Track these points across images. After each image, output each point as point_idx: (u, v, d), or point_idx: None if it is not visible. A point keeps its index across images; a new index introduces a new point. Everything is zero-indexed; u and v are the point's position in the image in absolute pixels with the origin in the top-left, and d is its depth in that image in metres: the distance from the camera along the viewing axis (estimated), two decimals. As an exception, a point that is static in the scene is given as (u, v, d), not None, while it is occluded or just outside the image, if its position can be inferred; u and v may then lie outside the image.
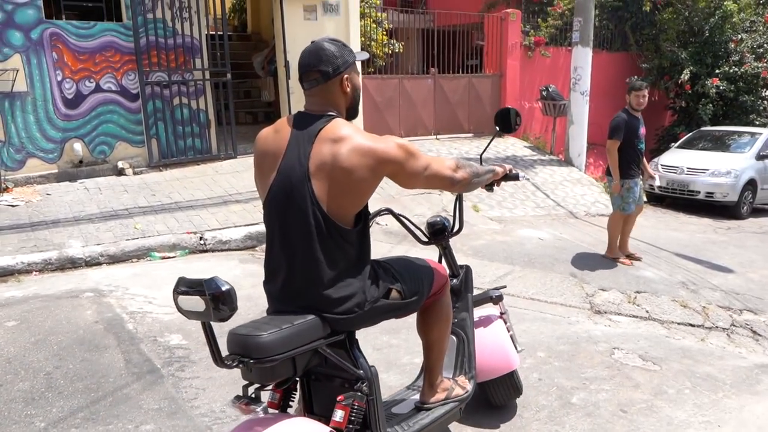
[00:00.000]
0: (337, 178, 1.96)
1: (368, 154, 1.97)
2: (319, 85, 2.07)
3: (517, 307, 4.78)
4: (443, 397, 2.50)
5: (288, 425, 1.90)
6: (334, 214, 1.99)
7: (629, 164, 5.75)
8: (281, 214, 2.04)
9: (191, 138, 8.22)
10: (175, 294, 1.83)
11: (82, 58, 7.32)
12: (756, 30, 12.99)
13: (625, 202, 5.87)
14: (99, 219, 6.19)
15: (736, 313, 4.92)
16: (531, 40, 12.23)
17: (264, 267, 2.17)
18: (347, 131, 1.99)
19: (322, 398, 2.20)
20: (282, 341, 1.88)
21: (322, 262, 2.00)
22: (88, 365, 3.49)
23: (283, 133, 2.08)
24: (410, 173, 2.08)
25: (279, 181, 2.03)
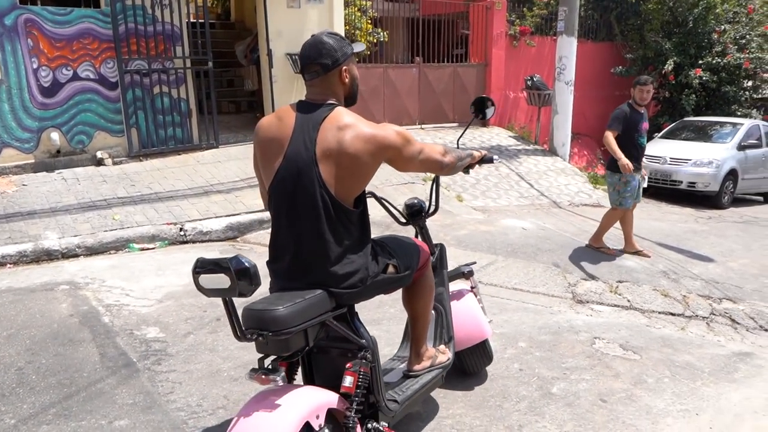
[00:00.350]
0: (342, 163, 2.12)
1: (370, 140, 2.15)
2: (320, 77, 2.22)
3: (500, 297, 4.78)
4: (428, 364, 2.73)
5: (301, 392, 2.08)
6: (340, 196, 2.16)
7: (629, 158, 5.61)
8: (289, 196, 2.18)
9: (172, 127, 8.10)
10: (195, 274, 1.93)
11: (58, 45, 7.16)
12: (738, 21, 13.05)
13: (621, 197, 5.77)
14: (77, 210, 6.08)
15: (716, 302, 4.95)
16: (516, 29, 12.20)
17: (270, 247, 2.31)
18: (350, 119, 2.17)
19: (323, 370, 2.36)
20: (296, 314, 2.03)
21: (330, 241, 2.16)
22: (62, 360, 3.43)
23: (287, 120, 2.21)
24: (407, 158, 2.28)
25: (286, 165, 2.17)
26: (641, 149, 5.82)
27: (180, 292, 4.49)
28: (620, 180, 5.72)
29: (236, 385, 3.21)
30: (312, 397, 2.09)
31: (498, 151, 10.30)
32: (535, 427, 2.94)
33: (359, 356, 2.26)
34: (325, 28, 8.96)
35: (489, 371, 3.47)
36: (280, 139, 2.19)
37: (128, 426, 2.83)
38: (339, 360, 2.31)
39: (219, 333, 3.84)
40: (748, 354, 3.99)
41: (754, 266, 5.92)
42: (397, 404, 2.47)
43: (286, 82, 8.91)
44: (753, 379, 3.59)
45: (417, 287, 2.62)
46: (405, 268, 2.46)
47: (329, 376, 2.28)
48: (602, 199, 9.04)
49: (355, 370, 2.22)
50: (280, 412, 1.96)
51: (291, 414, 1.96)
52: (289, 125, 2.19)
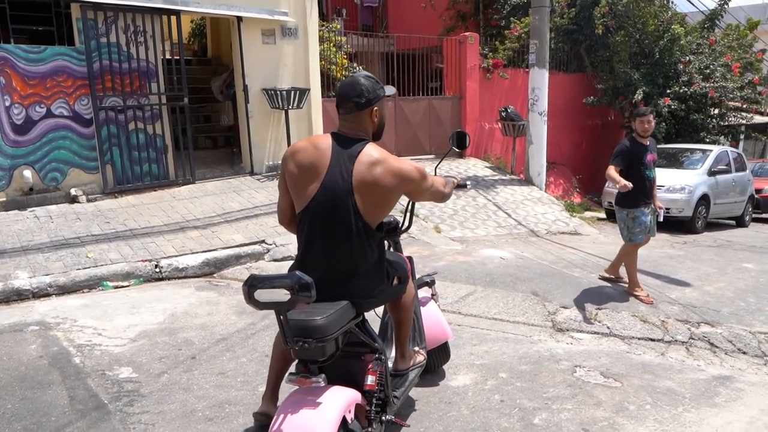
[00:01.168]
0: (374, 193, 2.47)
1: (398, 175, 2.50)
2: (353, 113, 2.54)
3: (480, 327, 4.75)
4: (411, 363, 3.08)
5: (336, 391, 2.36)
6: (369, 221, 2.51)
7: (635, 193, 5.33)
8: (325, 219, 2.48)
9: (148, 163, 8.04)
10: (250, 288, 2.15)
11: (32, 82, 7.11)
12: (702, 52, 13.49)
13: (631, 233, 5.52)
14: (49, 248, 5.95)
15: (694, 326, 4.98)
16: (489, 62, 12.44)
17: (298, 261, 2.60)
18: (382, 155, 2.50)
19: (337, 372, 2.56)
20: (333, 323, 2.34)
21: (360, 260, 2.52)
22: (29, 404, 3.30)
23: (324, 149, 2.50)
24: (422, 190, 2.68)
25: (324, 192, 2.47)
26: (649, 182, 5.51)
27: (154, 330, 4.39)
28: (628, 216, 5.51)
29: (211, 426, 3.12)
30: (344, 394, 2.38)
31: (475, 181, 10.38)
32: (518, 460, 2.89)
33: (376, 358, 2.61)
34: (300, 64, 9.07)
35: (470, 403, 3.42)
36: (317, 166, 2.48)
37: (98, 472, 2.71)
38: (350, 362, 2.61)
39: (194, 371, 3.75)
40: (728, 377, 4.01)
41: (729, 289, 5.99)
42: (397, 398, 2.85)
43: (263, 117, 8.94)
44: (733, 403, 3.59)
45: (401, 297, 2.93)
46: (403, 279, 2.85)
47: (341, 377, 2.53)
48: (579, 227, 9.14)
49: (376, 370, 2.57)
50: (324, 408, 2.26)
51: (333, 410, 2.27)
52: (326, 155, 2.48)
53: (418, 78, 11.52)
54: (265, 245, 6.44)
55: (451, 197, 3.22)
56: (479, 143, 12.36)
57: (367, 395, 2.54)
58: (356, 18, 14.69)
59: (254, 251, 6.31)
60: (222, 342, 4.21)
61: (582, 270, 6.45)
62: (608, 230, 9.74)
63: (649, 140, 5.57)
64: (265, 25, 8.76)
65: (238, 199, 7.86)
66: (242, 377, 3.68)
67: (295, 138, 8.92)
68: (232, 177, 8.86)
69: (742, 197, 11.61)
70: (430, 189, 2.73)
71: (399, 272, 2.82)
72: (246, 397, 3.42)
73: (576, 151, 14.35)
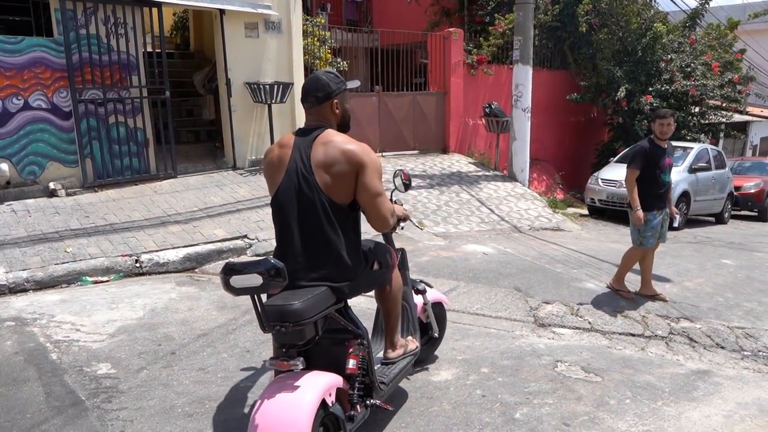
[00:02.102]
0: (331, 172, 2.57)
1: (346, 153, 2.58)
2: (314, 107, 2.70)
3: (462, 322, 4.75)
4: (402, 352, 3.12)
5: (315, 375, 2.46)
6: (335, 199, 2.58)
7: (648, 196, 5.22)
8: (291, 202, 2.61)
9: (128, 157, 7.93)
10: (225, 275, 2.27)
11: (8, 74, 6.97)
12: (683, 51, 13.64)
13: (642, 236, 5.31)
14: (26, 243, 5.85)
15: (674, 322, 5.03)
16: (474, 58, 12.45)
17: (275, 250, 2.71)
18: (337, 137, 2.64)
19: (319, 357, 2.66)
20: (310, 308, 2.42)
21: (330, 239, 2.58)
22: (3, 401, 3.23)
23: (288, 143, 2.69)
24: (367, 183, 2.61)
25: (287, 177, 2.63)
26: (664, 186, 5.31)
27: (134, 326, 4.33)
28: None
29: (191, 422, 3.09)
30: (324, 378, 2.46)
31: (459, 177, 10.40)
32: (499, 454, 2.89)
33: (357, 343, 2.68)
34: (283, 58, 9.02)
35: (451, 398, 3.43)
36: (281, 157, 2.67)
37: (74, 470, 2.67)
38: (334, 348, 2.69)
39: (174, 367, 3.70)
40: (706, 372, 4.05)
41: (708, 285, 6.06)
42: (385, 385, 2.90)
43: (245, 112, 8.86)
44: (711, 396, 3.64)
45: (388, 285, 2.98)
46: (385, 265, 2.89)
47: (325, 363, 2.61)
48: (562, 223, 9.19)
49: (357, 354, 2.65)
50: (302, 391, 2.34)
51: (311, 392, 2.35)
52: (288, 146, 2.67)
53: (402, 73, 11.50)
54: (248, 240, 6.39)
55: (394, 226, 3.05)
56: (463, 139, 12.38)
57: (349, 379, 2.61)
58: (341, 13, 14.61)
59: (236, 246, 6.25)
60: (203, 337, 4.17)
61: (564, 266, 6.49)
62: (590, 226, 9.83)
63: (668, 143, 5.34)
64: (248, 19, 8.67)
65: (220, 193, 7.79)
66: (223, 373, 3.65)
67: (278, 132, 8.86)
68: (215, 171, 8.78)
69: (721, 194, 11.77)
70: (376, 194, 2.63)
71: (379, 257, 2.86)
72: (226, 393, 3.39)
73: (559, 148, 14.43)
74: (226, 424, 3.07)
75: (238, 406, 3.25)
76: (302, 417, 2.28)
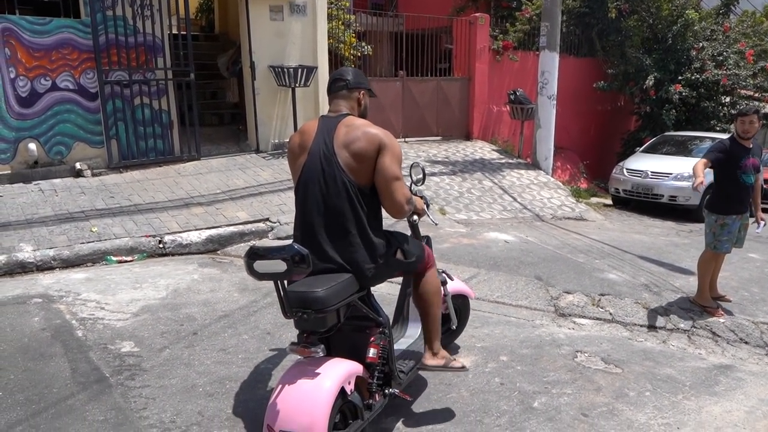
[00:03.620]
0: (353, 153, 2.60)
1: (368, 135, 2.62)
2: (344, 91, 2.79)
3: (482, 310, 4.74)
4: (443, 363, 3.02)
5: (335, 363, 2.46)
6: (357, 180, 2.60)
7: (727, 198, 4.88)
8: (314, 180, 2.63)
9: (153, 139, 8.01)
10: (249, 260, 2.28)
11: (37, 55, 7.07)
12: (716, 39, 13.28)
13: (717, 240, 4.95)
14: (53, 222, 5.96)
15: (697, 315, 4.96)
16: (499, 44, 12.29)
17: (295, 231, 2.72)
18: (359, 121, 2.70)
19: (340, 344, 2.68)
20: (333, 295, 2.41)
21: (353, 221, 2.59)
22: (31, 375, 3.32)
23: (311, 129, 2.74)
24: (385, 167, 2.60)
25: (311, 159, 2.66)
26: (745, 188, 4.88)
27: (157, 306, 4.40)
28: (717, 221, 4.95)
29: (211, 401, 3.14)
30: (344, 366, 2.46)
31: (481, 164, 10.32)
32: (516, 443, 2.89)
33: (379, 331, 2.69)
34: (308, 42, 8.99)
35: (470, 385, 3.43)
36: (303, 142, 2.72)
37: (98, 444, 2.74)
38: (355, 335, 2.70)
39: (195, 347, 3.76)
40: (729, 367, 3.99)
41: (733, 279, 5.95)
42: (404, 374, 2.89)
43: (269, 95, 8.87)
44: (733, 392, 3.59)
45: (424, 287, 2.96)
46: (411, 255, 2.85)
47: (346, 350, 2.62)
48: (585, 213, 9.09)
49: (377, 343, 2.65)
50: (322, 378, 2.35)
51: (331, 380, 2.35)
52: (312, 131, 2.72)
53: (426, 59, 11.40)
54: (269, 223, 6.43)
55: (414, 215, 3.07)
56: (487, 126, 12.27)
57: (369, 368, 2.62)
58: (366, -4, 14.52)
59: (258, 229, 6.30)
60: (224, 318, 4.22)
61: (586, 256, 6.42)
62: (614, 217, 9.70)
63: (753, 143, 4.93)
64: (273, 1, 8.65)
65: (243, 176, 7.84)
66: (243, 354, 3.69)
67: (301, 116, 8.86)
68: (238, 154, 8.83)
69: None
70: (394, 178, 2.60)
71: (403, 246, 2.83)
72: (247, 374, 3.43)
73: (584, 137, 14.22)
74: (246, 404, 3.12)
75: (259, 388, 3.30)
76: (320, 405, 2.28)
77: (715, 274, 5.30)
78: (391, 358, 2.74)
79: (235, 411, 3.05)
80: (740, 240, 5.10)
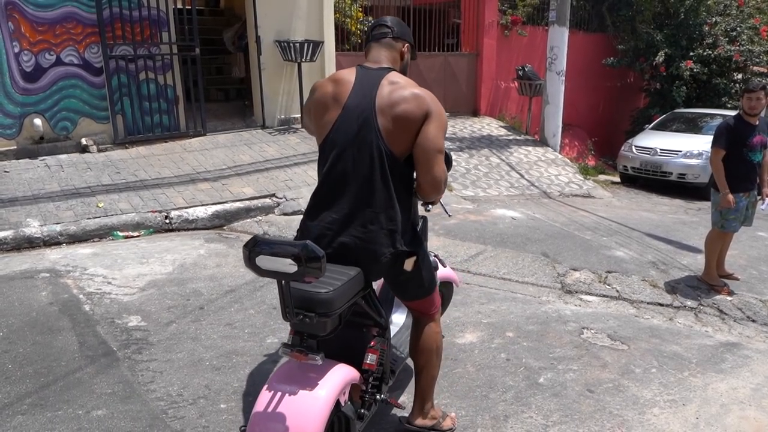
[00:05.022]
0: (397, 116, 2.24)
1: (419, 99, 2.26)
2: (387, 38, 2.41)
3: (488, 286, 4.74)
4: (430, 425, 2.63)
5: (329, 371, 2.11)
6: (394, 149, 2.25)
7: (733, 176, 4.78)
8: (346, 143, 2.26)
9: (158, 114, 7.97)
10: (252, 252, 1.93)
11: (40, 29, 7.01)
12: (729, 14, 13.03)
13: (724, 219, 4.90)
14: (59, 197, 5.97)
15: (704, 293, 4.93)
16: (508, 18, 12.10)
17: (314, 196, 2.34)
18: (407, 81, 2.33)
19: (330, 341, 2.27)
20: (340, 297, 2.09)
21: (380, 189, 2.24)
22: (40, 349, 3.35)
23: (347, 78, 2.33)
24: (431, 133, 2.25)
25: (345, 115, 2.27)
26: (752, 166, 4.84)
27: (163, 281, 4.42)
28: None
29: (218, 375, 3.16)
30: (341, 374, 2.14)
31: (489, 140, 10.24)
32: (521, 418, 2.90)
33: (378, 334, 2.40)
34: (314, 16, 8.88)
35: (475, 361, 3.43)
36: (336, 94, 2.31)
37: (106, 416, 2.76)
38: (349, 333, 2.37)
39: (202, 322, 3.78)
40: (735, 345, 3.98)
41: (742, 257, 5.91)
42: (393, 374, 2.65)
43: (275, 70, 8.79)
44: (740, 369, 3.58)
45: (424, 337, 2.54)
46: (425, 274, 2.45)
47: (337, 348, 2.31)
48: (592, 190, 9.03)
49: (377, 348, 2.36)
50: (319, 389, 2.03)
51: (327, 390, 2.04)
52: (348, 82, 2.31)
53: (434, 34, 11.25)
54: (276, 199, 6.42)
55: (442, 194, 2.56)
56: (494, 102, 12.14)
57: (364, 374, 2.33)
58: (372, -30, 14.28)
59: (264, 205, 6.29)
60: (230, 293, 4.23)
61: (594, 233, 6.39)
62: (622, 194, 9.64)
63: (760, 119, 4.83)
64: (278, -25, 8.52)
65: (249, 152, 7.81)
66: (250, 328, 3.71)
67: (307, 91, 8.78)
68: (244, 130, 8.79)
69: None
70: (437, 150, 2.26)
71: (424, 260, 2.45)
72: (253, 348, 3.45)
73: (592, 113, 14.08)
74: (253, 378, 3.13)
75: (265, 362, 3.31)
76: (314, 421, 1.97)
77: (723, 252, 5.26)
78: (387, 360, 2.48)
79: (242, 385, 3.07)
80: (748, 218, 5.06)
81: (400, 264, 2.34)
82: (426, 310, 2.54)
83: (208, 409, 2.85)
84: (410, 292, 2.50)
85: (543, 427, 2.84)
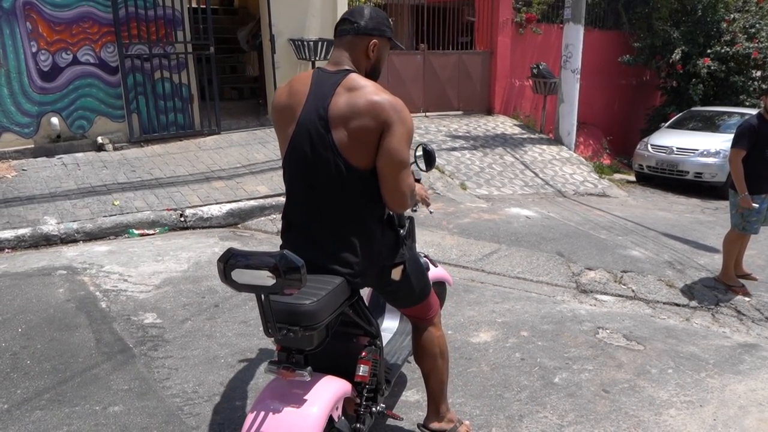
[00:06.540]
0: (349, 125, 2.01)
1: (372, 104, 2.01)
2: (348, 36, 2.12)
3: (503, 286, 4.72)
4: (448, 428, 2.57)
5: (323, 385, 1.99)
6: (355, 163, 2.03)
7: (755, 177, 4.68)
8: (303, 163, 2.08)
9: (173, 113, 8.03)
10: (226, 266, 1.78)
11: (57, 28, 7.08)
12: (748, 10, 12.85)
13: (745, 221, 4.82)
14: (76, 195, 6.03)
15: (721, 293, 4.87)
16: (522, 16, 12.02)
17: (283, 217, 2.22)
18: (363, 83, 2.05)
19: (318, 355, 2.15)
20: (324, 307, 1.95)
21: (348, 212, 2.08)
22: (57, 345, 3.39)
23: (302, 87, 2.12)
24: (391, 146, 2.01)
25: (299, 131, 2.08)
26: None
27: (178, 278, 4.45)
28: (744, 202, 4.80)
29: (233, 372, 3.17)
30: (332, 388, 2.02)
31: (503, 139, 10.20)
32: (536, 417, 2.89)
33: (369, 343, 2.26)
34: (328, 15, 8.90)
35: (490, 360, 3.42)
36: (292, 106, 2.11)
37: (122, 412, 2.79)
38: (338, 344, 2.24)
39: (217, 319, 3.80)
40: (754, 346, 3.93)
41: (760, 257, 5.83)
42: (389, 383, 2.53)
43: (289, 69, 8.81)
44: (758, 371, 3.53)
45: (425, 343, 2.46)
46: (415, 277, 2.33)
47: (326, 360, 2.19)
48: (608, 189, 8.95)
49: (369, 359, 2.22)
50: (309, 406, 1.92)
51: (319, 407, 1.93)
52: (303, 92, 2.11)
53: (448, 32, 11.21)
54: (289, 198, 6.43)
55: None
56: (509, 100, 12.08)
57: (357, 386, 2.21)
58: (386, -32, 14.26)
59: (278, 203, 6.31)
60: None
61: (609, 232, 6.34)
62: (637, 193, 9.55)
63: None
64: (292, -27, 8.54)
65: (263, 150, 7.84)
66: (264, 327, 3.72)
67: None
68: (258, 128, 8.82)
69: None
70: (401, 164, 2.05)
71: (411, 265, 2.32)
72: (267, 346, 3.46)
73: (608, 112, 13.96)
74: (267, 376, 3.14)
75: (278, 359, 3.32)
76: None
77: (741, 252, 5.20)
78: (381, 371, 2.36)
79: (256, 382, 3.09)
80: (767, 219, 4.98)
81: (387, 275, 2.23)
82: (423, 315, 2.44)
83: (223, 406, 2.86)
84: (402, 300, 2.40)
85: (558, 427, 2.83)
